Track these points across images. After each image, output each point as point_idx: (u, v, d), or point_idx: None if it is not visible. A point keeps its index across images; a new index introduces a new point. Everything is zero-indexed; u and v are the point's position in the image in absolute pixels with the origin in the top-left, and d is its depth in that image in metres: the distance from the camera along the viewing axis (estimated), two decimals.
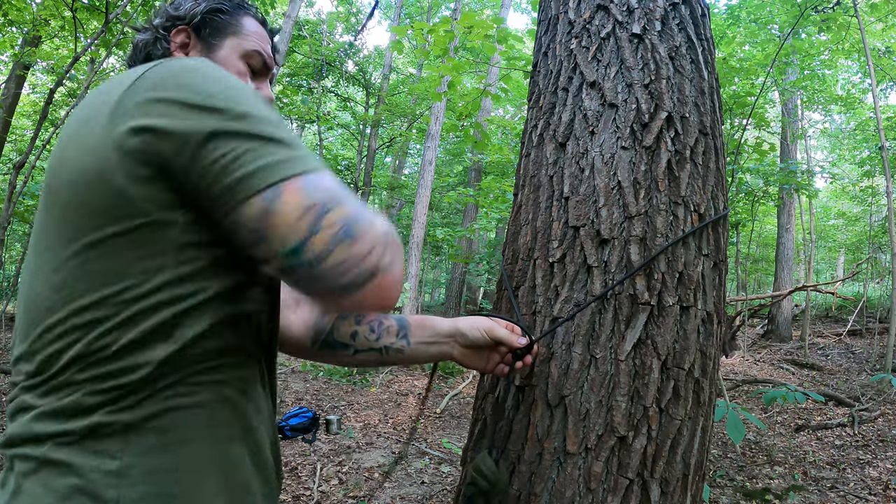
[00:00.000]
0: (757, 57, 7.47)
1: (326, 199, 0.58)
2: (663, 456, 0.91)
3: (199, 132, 0.58)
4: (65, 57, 8.00)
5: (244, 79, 0.85)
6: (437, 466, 4.22)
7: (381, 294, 0.61)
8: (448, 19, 4.47)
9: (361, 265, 0.58)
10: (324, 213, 0.57)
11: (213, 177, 0.58)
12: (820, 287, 8.57)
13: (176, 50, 0.83)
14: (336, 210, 0.58)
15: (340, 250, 0.57)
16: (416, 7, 17.61)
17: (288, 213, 0.57)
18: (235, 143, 0.59)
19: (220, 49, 0.84)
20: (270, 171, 0.58)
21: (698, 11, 1.18)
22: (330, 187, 0.59)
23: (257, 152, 0.59)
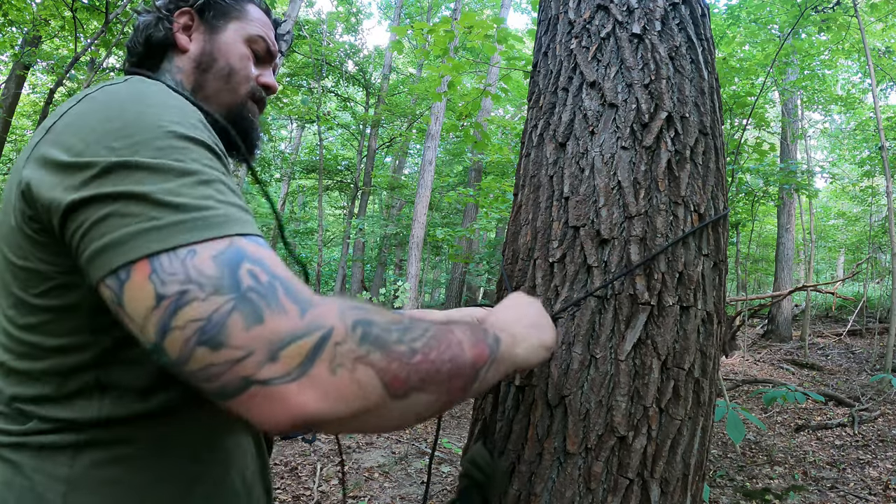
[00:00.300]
0: (757, 57, 7.47)
1: (182, 288, 0.45)
2: (663, 456, 0.91)
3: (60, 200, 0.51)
4: (65, 57, 8.00)
5: (246, 62, 0.82)
6: (437, 466, 4.22)
7: (258, 411, 0.44)
8: (448, 19, 4.47)
9: (228, 373, 0.44)
10: (178, 307, 0.45)
11: (75, 248, 0.52)
12: (820, 287, 8.58)
13: (178, 31, 0.80)
14: (194, 304, 0.45)
15: (200, 355, 0.44)
16: (416, 7, 17.61)
17: (135, 308, 0.47)
18: (95, 208, 0.50)
19: (224, 32, 0.82)
20: (118, 252, 0.48)
21: (698, 11, 1.18)
22: (195, 272, 0.46)
23: (115, 220, 0.49)
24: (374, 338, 0.47)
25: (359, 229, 13.92)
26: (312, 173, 16.11)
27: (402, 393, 0.48)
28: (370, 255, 17.05)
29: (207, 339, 0.44)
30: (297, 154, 16.82)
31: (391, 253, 17.23)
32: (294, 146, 18.06)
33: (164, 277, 0.46)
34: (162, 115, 0.55)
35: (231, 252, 0.48)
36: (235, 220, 0.51)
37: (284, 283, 0.47)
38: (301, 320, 0.45)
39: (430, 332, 0.51)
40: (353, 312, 0.48)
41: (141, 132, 0.53)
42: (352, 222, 14.08)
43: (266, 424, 0.45)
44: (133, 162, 0.51)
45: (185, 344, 0.45)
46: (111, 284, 0.48)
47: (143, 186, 0.50)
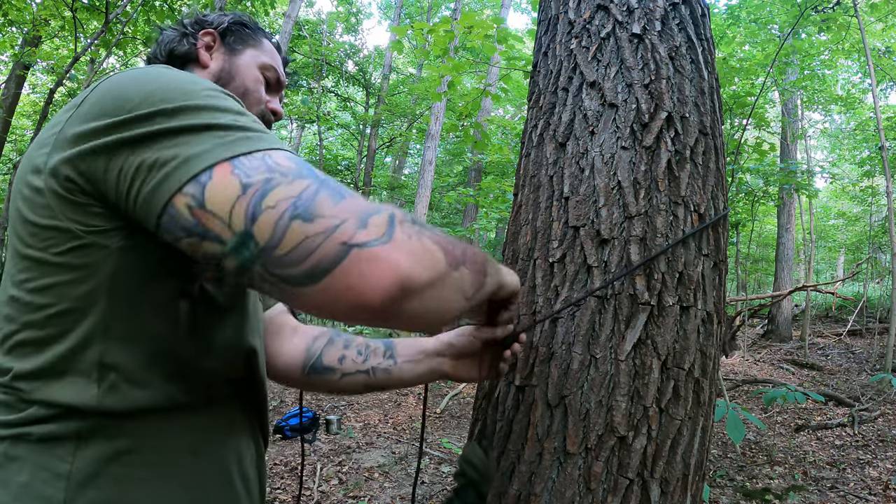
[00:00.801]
0: (757, 57, 7.47)
1: (268, 176, 0.49)
2: (663, 456, 0.91)
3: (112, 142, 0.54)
4: (65, 57, 8.01)
5: (259, 86, 0.88)
6: (437, 466, 4.22)
7: (359, 278, 0.46)
8: (448, 19, 4.47)
9: (326, 242, 0.46)
10: (266, 191, 0.48)
11: (132, 183, 0.53)
12: (820, 287, 8.58)
13: (201, 48, 0.86)
14: (282, 186, 0.48)
15: (295, 230, 0.46)
16: (416, 7, 17.62)
17: (220, 201, 0.48)
18: (159, 145, 0.52)
19: (242, 55, 0.88)
20: (196, 161, 0.51)
21: (698, 11, 1.18)
22: (275, 164, 0.51)
23: (185, 147, 0.52)
24: (421, 225, 0.54)
25: None
26: None
27: (455, 264, 0.54)
28: None
29: (301, 212, 0.47)
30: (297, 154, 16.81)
31: None
32: (294, 146, 18.06)
33: (248, 171, 0.50)
34: (195, 81, 0.59)
35: (298, 159, 0.54)
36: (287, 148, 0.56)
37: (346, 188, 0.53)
38: (371, 203, 0.51)
39: None
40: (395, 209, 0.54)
41: (184, 90, 0.56)
42: None
43: (366, 292, 0.46)
44: (192, 105, 0.55)
45: (279, 221, 0.47)
46: (191, 191, 0.50)
47: (208, 118, 0.54)
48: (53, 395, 0.59)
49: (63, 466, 0.57)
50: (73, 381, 0.59)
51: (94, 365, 0.59)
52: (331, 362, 0.93)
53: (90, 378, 0.59)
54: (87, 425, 0.59)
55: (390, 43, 12.55)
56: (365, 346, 0.96)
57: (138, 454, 0.61)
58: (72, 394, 0.59)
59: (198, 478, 0.66)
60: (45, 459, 0.57)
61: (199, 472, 0.66)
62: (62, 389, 0.59)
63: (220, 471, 0.69)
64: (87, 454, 0.58)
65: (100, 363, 0.59)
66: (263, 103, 0.89)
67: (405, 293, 0.48)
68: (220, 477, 0.69)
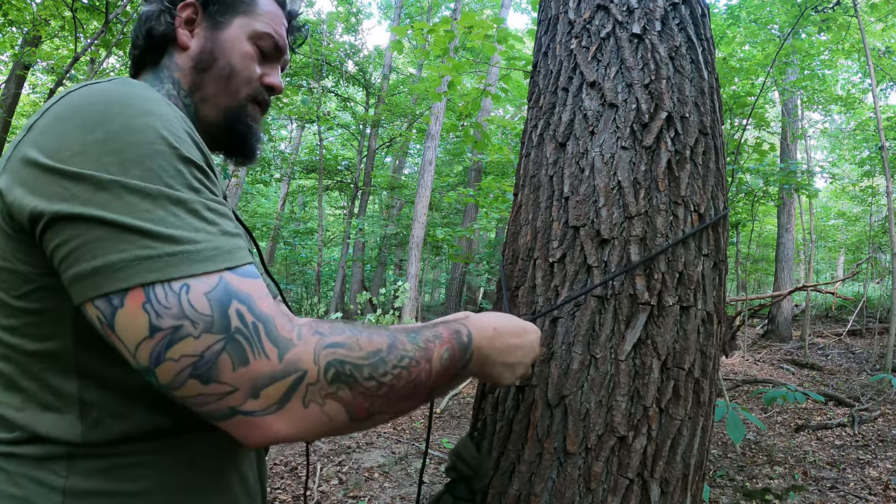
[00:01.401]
0: (757, 57, 7.47)
1: (177, 323, 0.48)
2: (663, 456, 0.91)
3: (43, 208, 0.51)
4: (65, 57, 8.00)
5: (248, 62, 0.78)
6: (437, 466, 4.22)
7: (241, 434, 0.51)
8: (448, 19, 4.47)
9: (218, 402, 0.50)
10: (173, 342, 0.48)
11: (58, 263, 0.51)
12: (820, 287, 8.58)
13: (180, 26, 0.76)
14: (188, 340, 0.48)
15: (191, 386, 0.49)
16: (416, 7, 17.61)
17: (128, 335, 0.49)
18: (84, 228, 0.49)
19: (228, 28, 0.77)
20: (110, 277, 0.49)
21: (698, 11, 1.18)
22: (189, 308, 0.49)
23: (102, 247, 0.49)
24: (345, 377, 0.54)
25: (359, 229, 13.92)
26: (312, 173, 16.11)
27: (365, 417, 0.56)
28: (370, 255, 17.05)
29: (199, 374, 0.49)
30: (297, 154, 16.83)
31: (391, 253, 17.23)
32: (294, 146, 18.06)
33: (159, 309, 0.48)
34: (149, 126, 0.54)
35: (221, 289, 0.51)
36: (225, 252, 0.53)
37: (267, 323, 0.52)
38: (279, 364, 0.51)
39: (404, 361, 0.58)
40: (327, 352, 0.53)
41: (129, 146, 0.52)
42: (352, 222, 14.07)
43: (245, 442, 0.52)
44: (123, 183, 0.50)
45: (178, 375, 0.49)
46: (102, 307, 0.49)
47: (134, 212, 0.50)
48: (38, 427, 0.57)
49: (58, 481, 0.56)
50: (56, 416, 0.57)
51: (75, 402, 0.58)
52: None
53: (73, 414, 0.57)
54: (77, 450, 0.58)
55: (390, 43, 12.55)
56: None
57: (133, 469, 0.59)
58: (56, 428, 0.57)
59: (194, 486, 0.65)
60: (39, 474, 0.56)
61: (195, 481, 0.65)
62: (45, 423, 0.57)
63: (217, 476, 0.68)
64: (80, 471, 0.57)
65: (80, 400, 0.58)
66: (255, 80, 0.79)
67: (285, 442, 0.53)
68: (217, 482, 0.68)
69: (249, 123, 0.80)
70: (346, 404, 0.54)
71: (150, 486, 0.60)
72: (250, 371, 0.49)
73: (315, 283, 13.63)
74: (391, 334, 0.59)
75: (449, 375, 0.63)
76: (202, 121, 0.78)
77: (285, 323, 0.53)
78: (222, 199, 0.60)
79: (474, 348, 0.67)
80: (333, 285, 14.77)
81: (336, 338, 0.55)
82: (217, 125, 0.78)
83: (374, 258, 16.84)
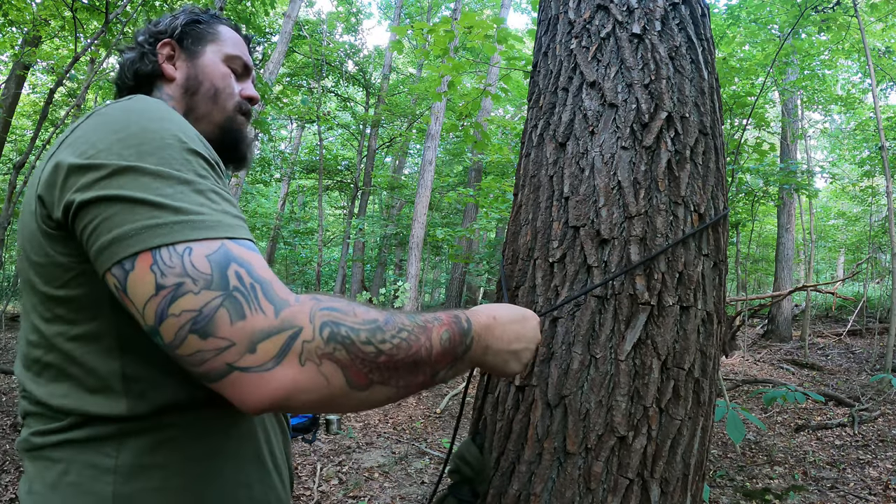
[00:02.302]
0: (757, 57, 7.47)
1: (179, 280, 0.52)
2: (663, 456, 0.91)
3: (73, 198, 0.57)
4: (65, 57, 8.01)
5: (228, 80, 0.88)
6: (438, 466, 4.22)
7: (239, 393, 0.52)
8: (448, 19, 4.46)
9: (215, 359, 0.51)
10: (175, 297, 0.51)
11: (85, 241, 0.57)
12: (820, 287, 8.57)
13: (164, 62, 0.86)
14: (189, 296, 0.51)
15: (190, 342, 0.51)
16: (416, 7, 17.61)
17: (137, 295, 0.53)
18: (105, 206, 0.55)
19: (203, 55, 0.87)
20: (122, 245, 0.54)
21: (698, 11, 1.18)
22: (191, 266, 0.52)
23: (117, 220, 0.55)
24: (341, 337, 0.54)
25: (359, 229, 13.91)
26: (312, 173, 16.11)
27: (364, 386, 0.56)
28: (370, 255, 17.05)
29: (198, 328, 0.51)
30: (297, 154, 16.83)
31: (391, 253, 17.23)
32: (294, 146, 18.06)
33: (164, 269, 0.52)
34: (164, 128, 0.61)
35: (222, 253, 0.54)
36: (227, 225, 0.57)
37: (264, 284, 0.54)
38: (276, 319, 0.52)
39: (402, 333, 0.59)
40: (323, 314, 0.55)
41: (146, 142, 0.59)
42: (352, 222, 14.07)
43: (244, 404, 0.52)
44: (139, 167, 0.57)
45: (179, 330, 0.51)
46: (117, 274, 0.54)
47: (146, 190, 0.56)
48: (87, 408, 0.62)
49: (108, 461, 0.61)
50: (102, 396, 0.62)
51: (119, 378, 0.63)
52: None
53: (117, 391, 0.63)
54: (126, 426, 0.63)
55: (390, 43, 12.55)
56: None
57: (177, 442, 0.65)
58: (104, 407, 0.62)
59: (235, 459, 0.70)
60: (89, 457, 0.61)
61: (235, 454, 0.70)
62: (94, 403, 0.62)
63: (253, 449, 0.73)
64: (130, 448, 0.62)
65: (123, 376, 0.63)
66: (237, 95, 0.89)
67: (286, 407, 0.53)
68: (255, 454, 0.73)
69: (240, 130, 0.90)
70: (344, 367, 0.54)
71: (191, 455, 0.65)
72: (247, 325, 0.51)
73: (315, 283, 13.63)
74: (389, 313, 0.61)
75: (450, 358, 0.64)
76: None
77: (280, 288, 0.55)
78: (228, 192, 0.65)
79: (474, 334, 0.68)
80: (333, 285, 14.77)
81: (333, 303, 0.56)
82: (213, 138, 0.84)
83: (374, 258, 16.84)
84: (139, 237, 0.53)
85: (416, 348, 0.59)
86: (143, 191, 0.55)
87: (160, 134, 0.60)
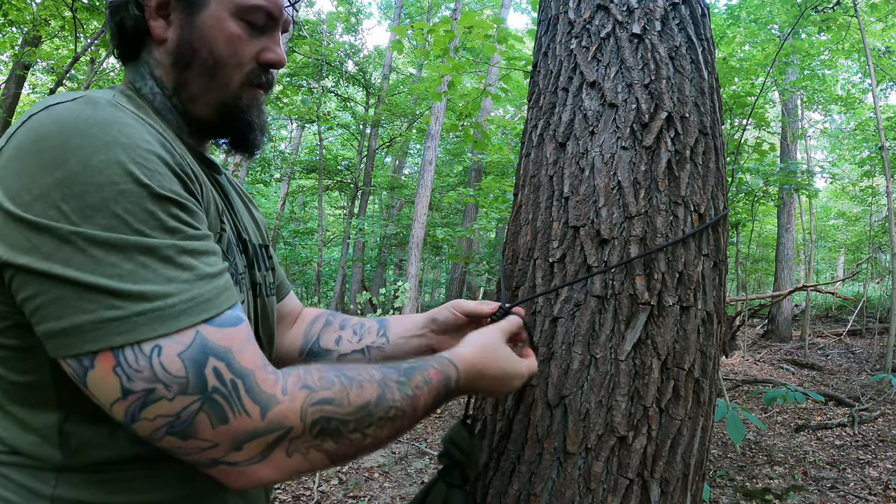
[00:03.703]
0: (757, 57, 7.47)
1: (150, 386, 0.46)
2: (663, 456, 0.91)
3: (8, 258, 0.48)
4: (65, 57, 8.01)
5: (236, 45, 0.66)
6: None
7: (226, 479, 0.52)
8: (448, 19, 4.47)
9: (199, 454, 0.50)
10: (147, 403, 0.47)
11: (28, 315, 0.50)
12: (820, 287, 8.57)
13: (151, 16, 0.66)
14: (162, 402, 0.47)
15: (170, 442, 0.49)
16: (416, 7, 17.61)
17: (101, 394, 0.48)
18: (50, 285, 0.47)
19: (205, 10, 0.65)
20: (77, 339, 0.47)
21: (698, 11, 1.18)
22: (161, 370, 0.47)
23: (67, 307, 0.47)
24: (331, 431, 0.55)
25: (359, 229, 13.91)
26: (312, 173, 16.11)
27: (347, 459, 0.59)
28: (370, 255, 17.05)
29: (176, 431, 0.48)
30: (297, 154, 16.83)
31: (391, 253, 17.23)
32: (294, 146, 18.06)
33: (130, 373, 0.47)
34: (111, 160, 0.49)
35: (196, 347, 0.49)
36: (202, 301, 0.50)
37: (246, 379, 0.51)
38: (262, 421, 0.50)
39: (391, 413, 0.59)
40: (315, 409, 0.53)
41: (90, 189, 0.47)
42: (352, 222, 14.07)
43: (229, 487, 0.53)
44: (86, 235, 0.47)
45: (155, 431, 0.49)
46: (73, 366, 0.48)
47: (99, 269, 0.47)
48: (23, 447, 0.57)
49: (46, 489, 0.56)
50: (36, 441, 0.57)
51: (55, 432, 0.57)
52: (327, 345, 0.94)
53: (52, 443, 0.56)
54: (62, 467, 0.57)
55: (390, 43, 12.54)
56: (360, 325, 0.96)
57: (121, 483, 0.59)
58: (37, 451, 0.57)
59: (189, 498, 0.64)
60: (28, 482, 0.56)
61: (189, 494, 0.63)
62: (29, 445, 0.57)
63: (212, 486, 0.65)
64: (69, 481, 0.57)
65: (59, 431, 0.57)
66: (247, 63, 0.68)
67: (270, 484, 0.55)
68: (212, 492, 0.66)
69: (247, 117, 0.71)
70: (329, 453, 0.56)
71: (141, 500, 0.59)
72: (230, 429, 0.49)
73: (315, 283, 13.62)
74: (382, 382, 0.60)
75: (429, 413, 0.67)
76: (195, 119, 0.70)
77: (267, 376, 0.52)
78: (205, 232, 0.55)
79: (460, 388, 0.70)
80: (333, 285, 14.77)
81: (325, 393, 0.55)
82: (211, 123, 0.70)
83: (374, 258, 16.84)
84: (97, 332, 0.46)
85: (401, 422, 0.61)
86: (96, 271, 0.46)
87: (107, 175, 0.48)
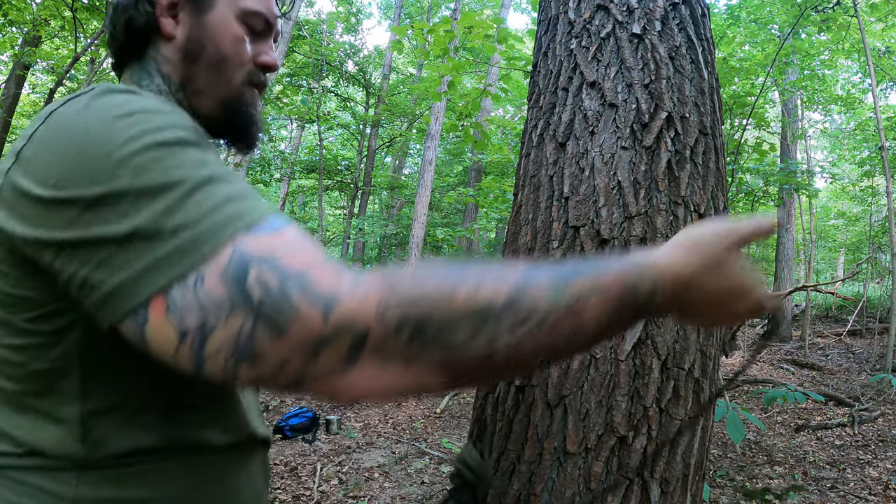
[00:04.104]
0: (757, 57, 7.47)
1: (201, 320, 0.44)
2: (663, 456, 0.91)
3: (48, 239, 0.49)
4: (65, 57, 8.01)
5: (240, 45, 0.72)
6: (437, 466, 4.22)
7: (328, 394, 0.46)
8: (448, 19, 4.47)
9: (280, 377, 0.45)
10: (204, 338, 0.44)
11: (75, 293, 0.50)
12: (820, 287, 8.56)
13: (162, 14, 0.69)
14: (217, 330, 0.44)
15: (245, 372, 0.45)
16: (416, 7, 17.61)
17: (162, 348, 0.46)
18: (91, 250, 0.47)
19: (214, 9, 0.70)
20: (127, 295, 0.46)
21: (698, 11, 1.18)
22: (206, 298, 0.44)
23: (110, 267, 0.47)
24: (430, 339, 0.44)
25: (359, 229, 13.91)
26: (312, 173, 16.11)
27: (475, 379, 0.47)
28: (370, 255, 17.04)
29: (244, 358, 0.44)
30: (297, 154, 16.81)
31: (391, 253, 17.22)
32: (294, 146, 18.05)
33: (181, 312, 0.45)
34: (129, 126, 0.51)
35: (235, 264, 0.45)
36: (232, 216, 0.47)
37: (299, 279, 0.44)
38: (325, 325, 0.43)
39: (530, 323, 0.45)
40: (397, 310, 0.44)
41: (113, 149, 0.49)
42: (352, 222, 14.07)
43: (337, 401, 0.47)
44: (114, 191, 0.48)
45: (226, 368, 0.44)
46: (131, 326, 0.47)
47: (131, 220, 0.47)
48: (43, 445, 0.56)
49: (68, 490, 0.56)
50: (58, 436, 0.57)
51: (77, 422, 0.57)
52: None
53: (73, 436, 0.56)
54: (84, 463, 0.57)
55: (390, 43, 12.54)
56: None
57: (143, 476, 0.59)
58: (59, 447, 0.56)
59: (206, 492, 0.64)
60: (48, 485, 0.56)
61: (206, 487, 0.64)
62: (49, 440, 0.56)
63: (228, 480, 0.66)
64: (91, 479, 0.57)
65: (81, 421, 0.57)
66: (248, 63, 0.73)
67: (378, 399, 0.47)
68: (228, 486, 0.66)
69: (248, 111, 0.75)
70: (442, 367, 0.45)
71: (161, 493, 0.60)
72: (291, 339, 0.43)
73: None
74: (519, 285, 0.46)
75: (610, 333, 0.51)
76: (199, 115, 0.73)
77: (325, 275, 0.45)
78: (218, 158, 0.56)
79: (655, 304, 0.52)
80: None
81: (414, 290, 0.45)
82: (215, 118, 0.73)
83: (374, 258, 16.83)
84: (144, 281, 0.46)
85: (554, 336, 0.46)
86: (130, 220, 0.47)
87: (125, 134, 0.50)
